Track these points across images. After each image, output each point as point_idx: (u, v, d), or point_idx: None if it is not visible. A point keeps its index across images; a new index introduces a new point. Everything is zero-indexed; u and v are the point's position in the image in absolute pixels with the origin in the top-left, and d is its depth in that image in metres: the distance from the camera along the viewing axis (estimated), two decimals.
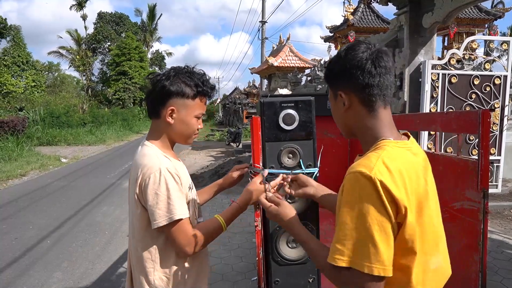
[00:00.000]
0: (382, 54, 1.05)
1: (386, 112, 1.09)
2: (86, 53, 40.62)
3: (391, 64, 1.06)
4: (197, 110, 1.48)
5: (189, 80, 1.44)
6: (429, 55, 6.16)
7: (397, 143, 1.05)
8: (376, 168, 0.94)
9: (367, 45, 1.06)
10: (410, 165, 1.01)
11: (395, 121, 2.71)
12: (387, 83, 1.05)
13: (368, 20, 15.87)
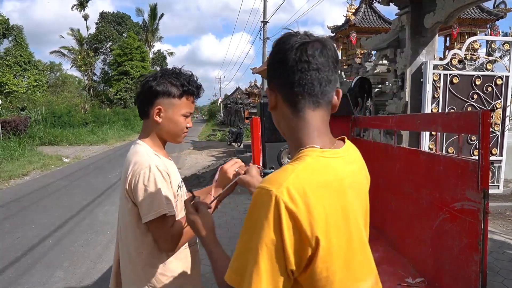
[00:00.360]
0: (308, 47, 0.90)
1: (316, 114, 0.94)
2: (88, 53, 40.69)
3: (324, 59, 0.91)
4: (184, 108, 1.52)
5: (175, 80, 1.49)
6: (430, 56, 6.15)
7: (323, 152, 0.91)
8: (286, 184, 0.81)
9: (298, 37, 0.92)
10: (333, 179, 0.88)
11: (397, 122, 2.70)
12: (312, 81, 0.91)
13: (369, 20, 15.85)
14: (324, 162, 0.89)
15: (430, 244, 2.16)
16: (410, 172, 2.45)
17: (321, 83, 0.92)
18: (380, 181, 3.00)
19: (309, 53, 0.89)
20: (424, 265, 2.22)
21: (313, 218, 0.81)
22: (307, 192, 0.81)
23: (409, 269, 2.34)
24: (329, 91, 0.94)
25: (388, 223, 2.82)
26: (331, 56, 0.93)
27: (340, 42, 16.69)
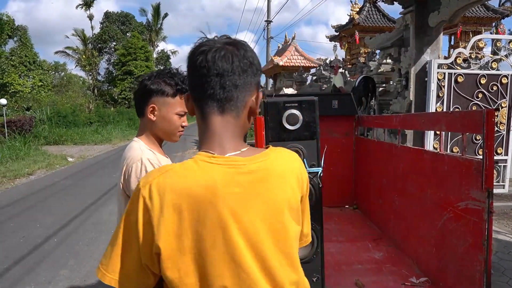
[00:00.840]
0: (208, 53, 0.92)
1: (220, 120, 0.94)
2: (92, 53, 40.86)
3: (227, 64, 0.91)
4: (178, 107, 1.56)
5: (170, 79, 1.53)
6: (435, 54, 6.13)
7: (212, 158, 0.90)
8: (152, 181, 0.87)
9: (205, 43, 0.95)
10: (204, 185, 0.86)
11: (401, 121, 2.70)
12: (214, 86, 0.92)
13: (373, 19, 15.81)
14: (205, 167, 0.88)
15: (434, 244, 2.15)
16: (414, 172, 2.45)
17: (224, 88, 0.92)
18: (383, 180, 3.00)
19: (208, 58, 0.91)
20: (428, 264, 2.21)
21: (163, 219, 0.84)
22: (166, 194, 0.85)
23: (413, 269, 2.34)
24: (237, 96, 0.94)
25: (392, 223, 2.82)
26: (240, 60, 0.93)
27: (344, 41, 16.67)
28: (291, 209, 0.97)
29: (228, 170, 0.89)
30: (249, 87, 0.96)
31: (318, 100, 1.45)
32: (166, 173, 0.88)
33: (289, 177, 0.98)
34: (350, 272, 2.33)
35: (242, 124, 0.98)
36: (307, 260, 1.53)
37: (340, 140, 3.78)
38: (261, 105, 1.44)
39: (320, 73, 13.66)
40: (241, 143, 0.97)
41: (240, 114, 0.96)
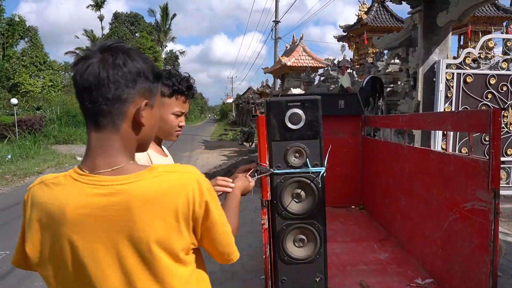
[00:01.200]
0: (76, 68, 0.88)
1: (96, 136, 0.90)
2: None
3: (93, 77, 0.86)
4: (175, 107, 1.55)
5: (167, 79, 1.51)
6: (443, 54, 6.07)
7: (79, 175, 0.89)
8: (31, 187, 0.94)
9: (81, 54, 0.92)
10: (58, 204, 0.86)
11: (407, 121, 2.68)
12: (82, 101, 0.88)
13: (382, 19, 15.72)
14: (68, 184, 0.88)
15: (440, 245, 2.13)
16: (420, 172, 2.43)
17: (94, 103, 0.87)
18: (390, 180, 2.98)
19: (76, 71, 0.87)
20: (434, 265, 2.20)
21: (29, 227, 0.90)
22: (33, 205, 0.90)
23: (418, 270, 2.32)
24: (109, 110, 0.88)
25: (398, 223, 2.80)
26: (112, 70, 0.87)
27: (352, 41, 16.60)
28: (165, 236, 0.89)
29: (87, 189, 0.86)
30: (127, 98, 0.90)
31: (323, 100, 1.45)
32: (41, 184, 0.91)
33: (163, 204, 0.88)
34: (355, 272, 2.32)
35: (125, 138, 0.92)
36: (309, 260, 1.53)
37: (347, 140, 3.77)
38: (264, 104, 1.45)
39: (328, 74, 13.61)
40: (121, 159, 0.91)
41: (120, 128, 0.90)
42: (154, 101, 0.98)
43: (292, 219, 1.47)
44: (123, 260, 0.87)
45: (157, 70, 0.98)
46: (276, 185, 1.43)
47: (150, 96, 0.95)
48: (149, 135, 1.00)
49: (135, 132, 0.94)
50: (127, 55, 0.91)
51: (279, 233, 1.48)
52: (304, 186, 1.46)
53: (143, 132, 0.96)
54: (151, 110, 0.97)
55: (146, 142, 1.01)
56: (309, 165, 1.43)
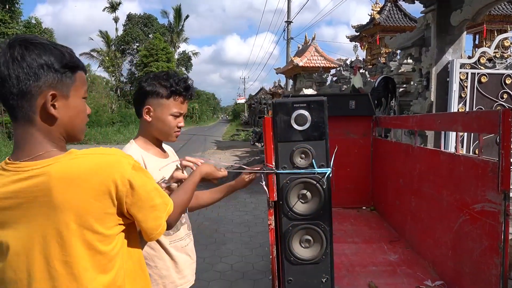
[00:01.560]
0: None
1: (15, 128, 0.98)
2: (115, 54, 41.74)
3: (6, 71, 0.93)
4: (173, 108, 1.58)
5: (165, 81, 1.56)
6: (457, 54, 5.99)
7: (5, 164, 0.97)
8: None
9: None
10: None
11: (417, 121, 2.66)
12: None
13: (395, 18, 15.58)
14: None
15: (450, 246, 2.11)
16: (430, 173, 2.41)
17: (5, 97, 0.94)
18: (400, 181, 2.96)
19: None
20: (444, 267, 2.18)
21: None
22: None
23: (429, 272, 2.30)
24: (18, 104, 0.94)
25: (408, 224, 2.78)
26: (15, 65, 0.92)
27: (365, 41, 16.49)
28: (85, 214, 0.94)
29: (12, 177, 0.93)
30: (31, 91, 0.94)
31: (334, 100, 1.45)
32: None
33: (82, 184, 0.93)
34: (364, 273, 2.31)
35: (41, 129, 0.97)
36: (316, 261, 1.53)
37: (358, 140, 3.75)
38: (270, 105, 1.46)
39: (340, 74, 13.55)
40: (42, 148, 0.96)
41: (33, 120, 0.96)
42: (67, 91, 0.99)
43: (298, 219, 1.48)
44: (45, 240, 0.94)
45: (67, 60, 0.99)
46: (282, 186, 1.44)
47: (61, 87, 0.98)
48: (73, 125, 1.04)
49: (49, 123, 0.98)
50: (25, 48, 0.94)
51: (285, 234, 1.49)
52: (310, 187, 1.46)
53: (61, 123, 1.00)
54: (66, 100, 1.00)
55: (73, 131, 1.05)
56: (315, 166, 1.43)
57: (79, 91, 1.04)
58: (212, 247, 4.70)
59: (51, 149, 0.98)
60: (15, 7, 28.34)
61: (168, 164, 1.58)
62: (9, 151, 12.56)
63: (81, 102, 1.06)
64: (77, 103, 1.04)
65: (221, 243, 4.84)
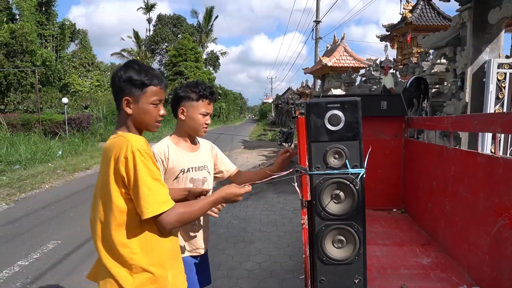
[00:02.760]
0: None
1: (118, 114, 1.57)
2: (145, 54, 42.63)
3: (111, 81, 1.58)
4: (202, 108, 2.03)
5: (195, 88, 2.02)
6: (495, 54, 5.78)
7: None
8: None
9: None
10: None
11: (453, 122, 2.59)
12: None
13: (427, 17, 15.17)
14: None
15: (487, 251, 2.05)
16: (466, 175, 2.34)
17: (114, 97, 1.60)
18: (433, 184, 2.89)
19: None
20: (481, 273, 2.11)
21: None
22: None
23: (464, 277, 2.24)
24: (116, 102, 1.56)
25: (442, 228, 2.71)
26: (114, 78, 1.52)
27: (396, 41, 16.15)
28: (112, 181, 1.39)
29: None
30: (115, 96, 1.50)
31: (365, 101, 1.44)
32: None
33: (104, 157, 1.44)
34: (396, 276, 2.27)
35: (123, 117, 1.50)
36: (348, 262, 1.52)
37: (389, 142, 3.69)
38: (303, 105, 1.47)
39: (369, 74, 13.34)
40: (121, 128, 1.51)
41: (121, 112, 1.51)
42: (138, 98, 1.47)
43: (331, 219, 1.47)
44: (100, 182, 1.48)
45: (143, 78, 1.46)
46: (315, 186, 1.44)
47: (132, 95, 1.47)
48: (142, 120, 1.51)
49: (126, 116, 1.50)
50: (116, 72, 1.49)
51: (318, 234, 1.49)
52: (343, 187, 1.46)
53: (134, 117, 1.49)
54: (137, 104, 1.48)
55: (143, 124, 1.53)
56: (349, 166, 1.43)
57: (148, 99, 1.48)
58: (241, 246, 4.74)
59: (121, 130, 1.49)
60: (51, 9, 29.52)
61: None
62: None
63: (148, 106, 1.48)
64: (144, 107, 1.48)
65: (249, 242, 4.86)
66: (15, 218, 6.13)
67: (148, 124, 1.52)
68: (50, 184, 8.91)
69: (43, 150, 12.60)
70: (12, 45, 23.39)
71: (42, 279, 3.96)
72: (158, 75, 1.52)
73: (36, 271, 4.15)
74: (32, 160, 11.21)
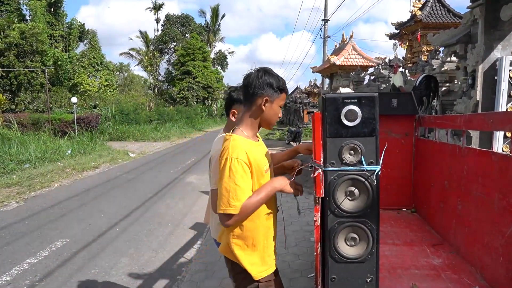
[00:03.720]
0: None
1: (240, 112, 1.97)
2: (154, 54, 42.80)
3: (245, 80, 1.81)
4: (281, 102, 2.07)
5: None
6: (507, 51, 5.69)
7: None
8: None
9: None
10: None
11: (466, 121, 2.55)
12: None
13: (437, 15, 15.01)
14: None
15: (501, 253, 2.01)
16: (480, 175, 2.30)
17: (245, 95, 1.86)
18: (445, 183, 2.85)
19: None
20: (494, 274, 2.07)
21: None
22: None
23: (476, 278, 2.20)
24: (249, 100, 1.81)
25: (454, 228, 2.67)
26: (253, 79, 1.78)
27: (405, 39, 16.00)
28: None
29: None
30: (258, 95, 1.75)
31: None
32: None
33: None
34: (406, 276, 2.24)
35: (252, 115, 1.79)
36: (361, 260, 1.49)
37: (399, 140, 3.64)
38: (319, 100, 1.44)
39: (378, 72, 13.24)
40: (240, 124, 1.81)
41: (250, 109, 1.80)
42: (273, 100, 1.74)
43: (344, 217, 1.45)
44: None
45: (280, 85, 1.75)
46: (329, 182, 1.42)
47: (271, 96, 1.73)
48: (270, 118, 1.79)
49: (259, 113, 1.77)
50: (264, 73, 1.75)
51: (331, 231, 1.47)
52: (358, 184, 1.43)
53: (264, 115, 1.77)
54: (271, 104, 1.74)
55: (269, 122, 1.81)
56: (364, 163, 1.40)
57: (279, 102, 1.77)
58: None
59: (241, 128, 1.78)
60: (60, 9, 29.75)
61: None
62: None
63: (277, 108, 1.78)
64: (275, 108, 1.77)
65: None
66: (25, 216, 6.18)
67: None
68: (59, 182, 8.97)
69: (53, 149, 12.69)
70: (22, 46, 23.61)
71: (51, 277, 3.98)
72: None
73: (45, 269, 4.18)
74: (42, 159, 11.30)
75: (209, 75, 40.03)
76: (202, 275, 3.96)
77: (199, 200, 7.30)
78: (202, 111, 38.20)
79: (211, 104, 41.85)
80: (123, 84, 39.17)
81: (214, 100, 42.18)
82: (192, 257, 4.53)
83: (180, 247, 4.86)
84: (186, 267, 4.25)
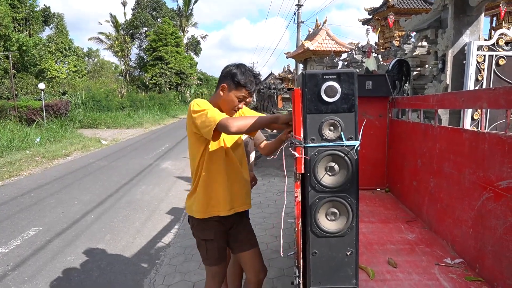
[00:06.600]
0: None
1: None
2: (124, 39, 41.60)
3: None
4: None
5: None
6: (475, 36, 5.86)
7: None
8: None
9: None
10: None
11: (438, 100, 2.62)
12: None
13: (409, 0, 15.26)
14: None
15: (471, 225, 2.10)
16: (451, 152, 2.38)
17: (220, 78, 2.24)
18: (418, 162, 2.94)
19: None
20: (464, 246, 2.17)
21: None
22: None
23: (447, 250, 2.30)
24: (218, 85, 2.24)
25: (426, 205, 2.77)
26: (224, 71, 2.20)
27: (378, 24, 16.20)
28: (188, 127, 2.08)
29: None
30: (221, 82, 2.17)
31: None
32: None
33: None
34: (382, 251, 2.31)
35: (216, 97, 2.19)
36: (341, 234, 1.53)
37: (374, 122, 3.72)
38: (299, 76, 1.45)
39: (352, 58, 13.37)
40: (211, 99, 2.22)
41: (216, 92, 2.22)
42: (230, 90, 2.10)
43: (325, 192, 1.47)
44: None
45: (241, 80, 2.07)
46: (310, 158, 1.44)
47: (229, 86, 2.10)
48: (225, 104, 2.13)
49: (219, 97, 2.14)
50: (235, 66, 2.11)
51: (312, 206, 1.49)
52: (338, 159, 1.45)
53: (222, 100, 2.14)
54: (229, 93, 2.10)
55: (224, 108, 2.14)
56: (344, 139, 1.42)
57: (236, 94, 2.10)
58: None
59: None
60: None
61: None
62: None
63: (233, 98, 2.10)
64: (231, 97, 2.11)
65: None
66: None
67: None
68: (29, 171, 8.69)
69: (20, 137, 12.25)
70: None
71: (24, 266, 3.89)
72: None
73: (17, 258, 4.07)
74: (9, 147, 10.89)
75: (182, 61, 39.35)
76: (181, 258, 3.96)
77: (174, 186, 7.25)
78: (176, 97, 37.64)
79: (185, 90, 41.24)
80: (93, 70, 37.99)
81: (188, 86, 41.58)
82: (170, 241, 4.51)
83: (158, 232, 4.83)
84: (164, 251, 4.24)
